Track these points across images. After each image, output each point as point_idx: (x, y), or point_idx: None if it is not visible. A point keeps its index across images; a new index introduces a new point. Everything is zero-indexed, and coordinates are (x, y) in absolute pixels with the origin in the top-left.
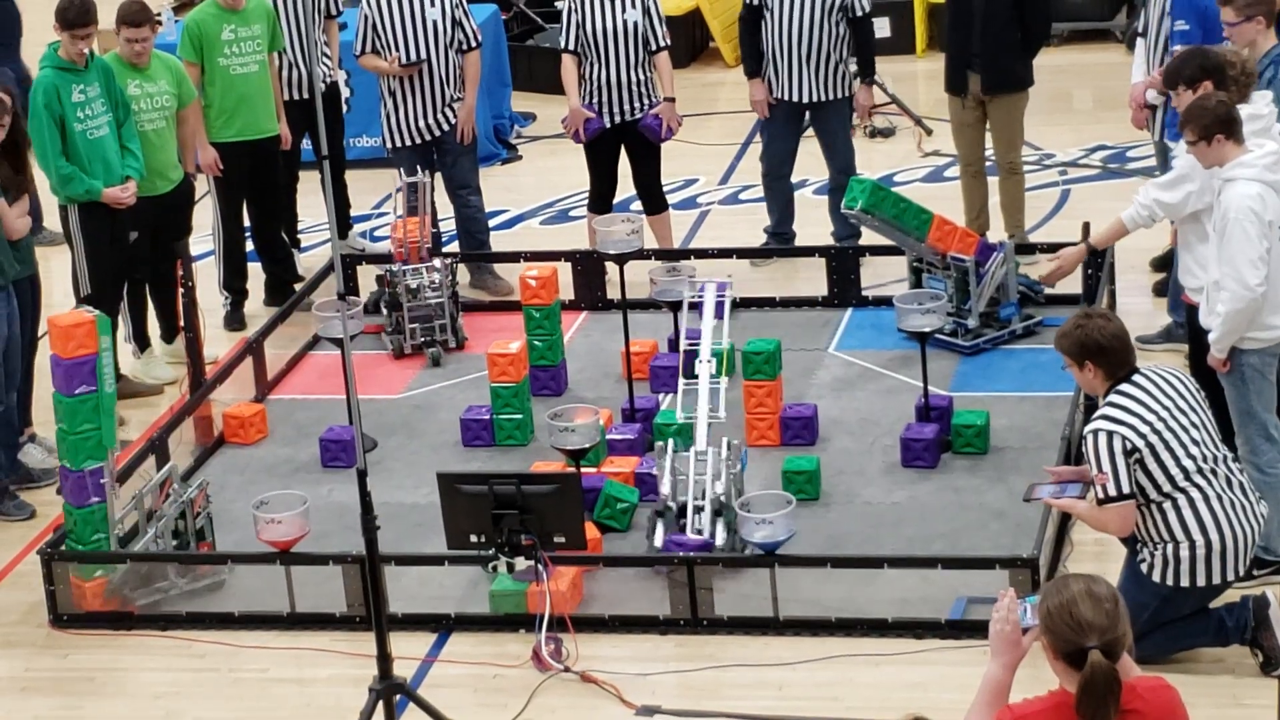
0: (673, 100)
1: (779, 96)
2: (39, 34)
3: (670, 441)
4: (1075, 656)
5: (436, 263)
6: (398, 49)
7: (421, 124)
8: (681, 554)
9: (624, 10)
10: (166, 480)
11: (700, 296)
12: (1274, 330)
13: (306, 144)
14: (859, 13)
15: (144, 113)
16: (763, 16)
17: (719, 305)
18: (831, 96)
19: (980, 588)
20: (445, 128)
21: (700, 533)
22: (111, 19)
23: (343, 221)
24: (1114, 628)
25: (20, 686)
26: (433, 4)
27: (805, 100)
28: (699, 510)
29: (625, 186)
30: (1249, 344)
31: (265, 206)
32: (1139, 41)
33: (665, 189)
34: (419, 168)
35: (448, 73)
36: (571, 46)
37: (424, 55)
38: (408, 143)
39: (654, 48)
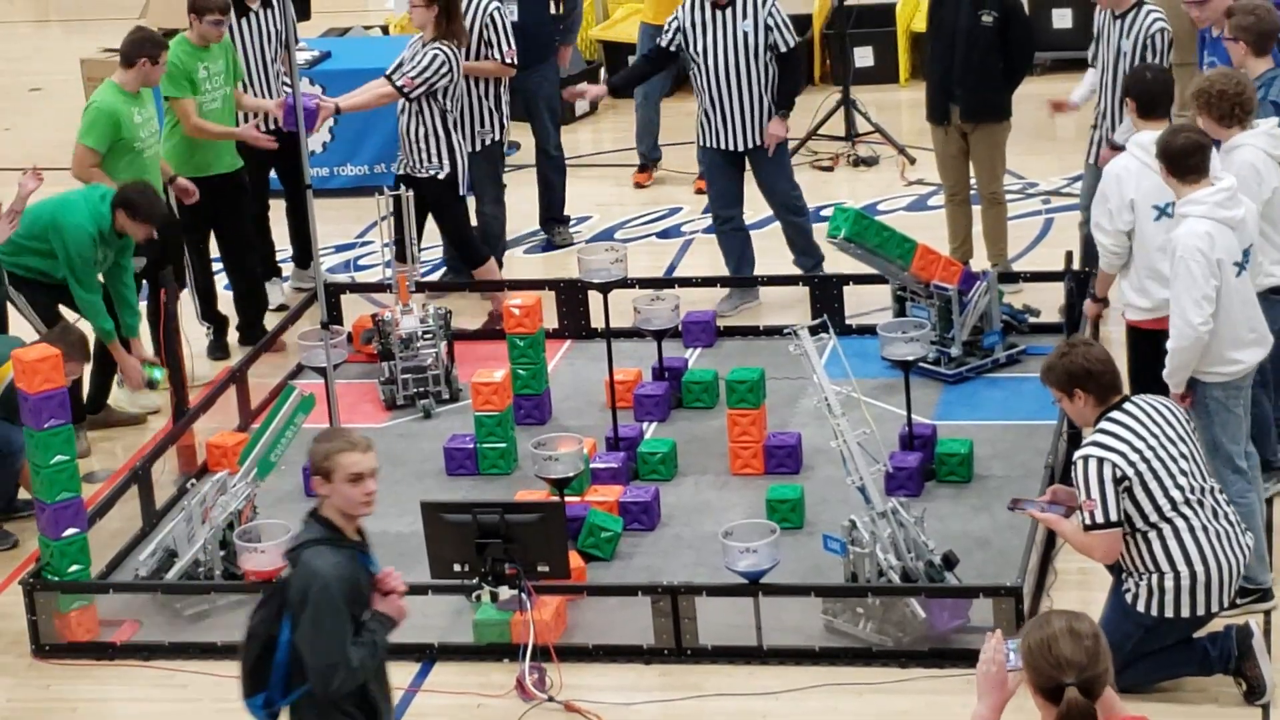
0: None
1: (715, 145)
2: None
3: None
4: (1054, 693)
5: (431, 308)
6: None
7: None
8: (665, 584)
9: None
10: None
11: (799, 345)
12: (1236, 365)
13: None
14: (783, 49)
15: (145, 139)
16: (666, 63)
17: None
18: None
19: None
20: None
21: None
22: (90, 49)
23: (305, 252)
24: (1093, 665)
25: (2, 717)
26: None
27: (741, 148)
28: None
29: (607, 217)
30: (1211, 377)
31: (233, 242)
32: (1089, 71)
33: (649, 217)
34: (401, 186)
35: (464, 88)
36: None
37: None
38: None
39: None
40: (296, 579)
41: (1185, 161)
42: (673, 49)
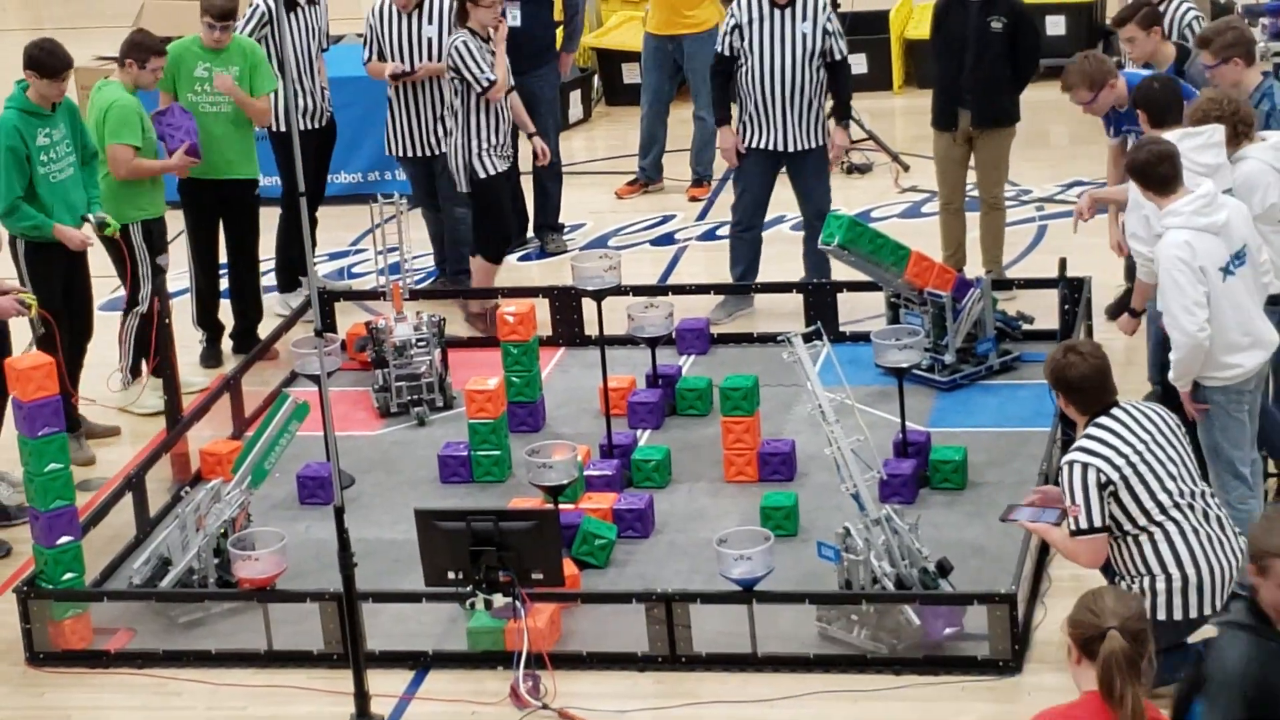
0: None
1: (756, 145)
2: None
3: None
4: (1095, 643)
5: (424, 316)
6: (394, 61)
7: (418, 139)
8: (660, 591)
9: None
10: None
11: (793, 352)
12: (1233, 369)
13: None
14: (838, 56)
15: (150, 133)
16: (736, 67)
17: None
18: (811, 145)
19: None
20: (436, 146)
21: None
22: (84, 56)
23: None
24: (1136, 620)
25: None
26: (429, 21)
27: (784, 149)
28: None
29: (601, 224)
30: (1209, 381)
31: (239, 252)
32: None
33: (643, 224)
34: (396, 194)
35: (440, 91)
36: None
37: (412, 67)
38: (405, 153)
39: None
40: (1209, 658)
41: (1154, 172)
42: (734, 53)
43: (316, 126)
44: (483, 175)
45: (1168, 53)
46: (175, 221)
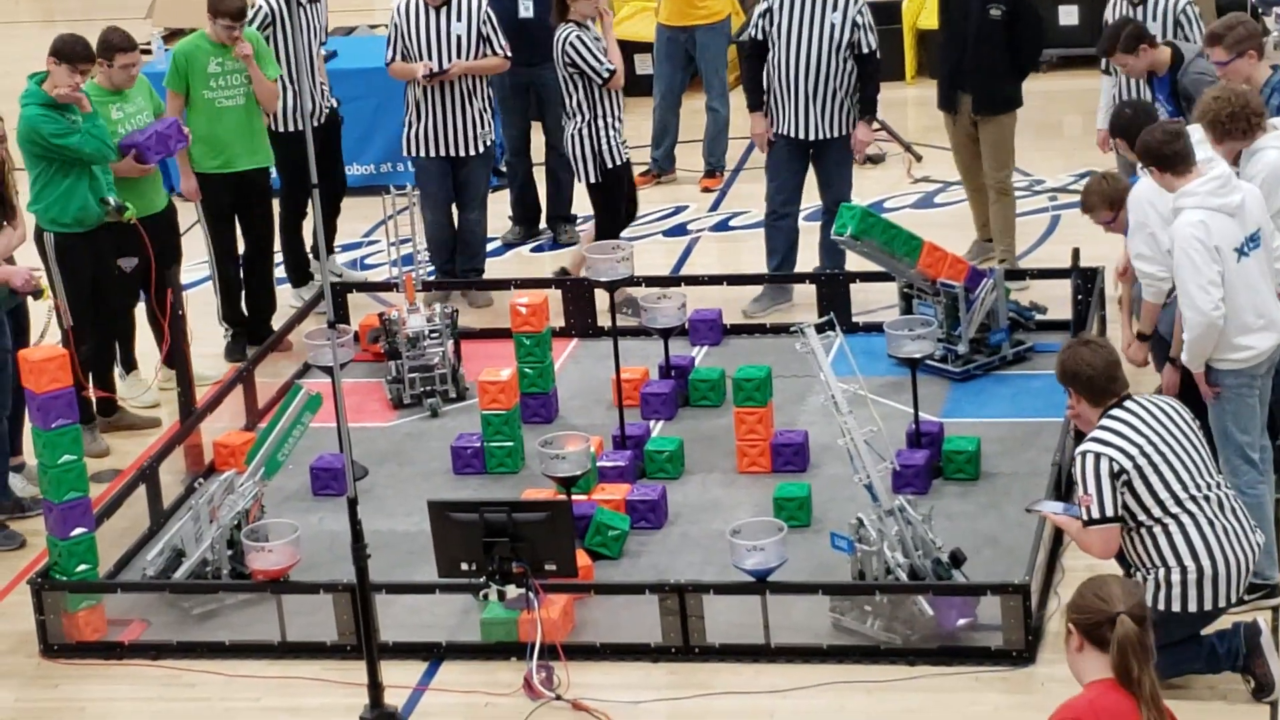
0: None
1: (783, 133)
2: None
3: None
4: (1103, 629)
5: (437, 307)
6: (421, 60)
7: (444, 140)
8: (673, 582)
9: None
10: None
11: (806, 343)
12: (1244, 351)
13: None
14: (866, 49)
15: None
16: (766, 51)
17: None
18: (836, 134)
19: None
20: (464, 147)
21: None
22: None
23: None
24: (1140, 607)
25: (10, 718)
26: (459, 19)
27: (810, 138)
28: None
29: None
30: (1221, 364)
31: (254, 242)
32: (1104, 82)
33: (655, 215)
34: (408, 186)
35: (468, 89)
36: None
37: (447, 66)
38: (427, 153)
39: None
40: None
41: (1166, 151)
42: (764, 37)
43: (315, 125)
44: (611, 165)
45: (1164, 59)
46: (183, 219)
